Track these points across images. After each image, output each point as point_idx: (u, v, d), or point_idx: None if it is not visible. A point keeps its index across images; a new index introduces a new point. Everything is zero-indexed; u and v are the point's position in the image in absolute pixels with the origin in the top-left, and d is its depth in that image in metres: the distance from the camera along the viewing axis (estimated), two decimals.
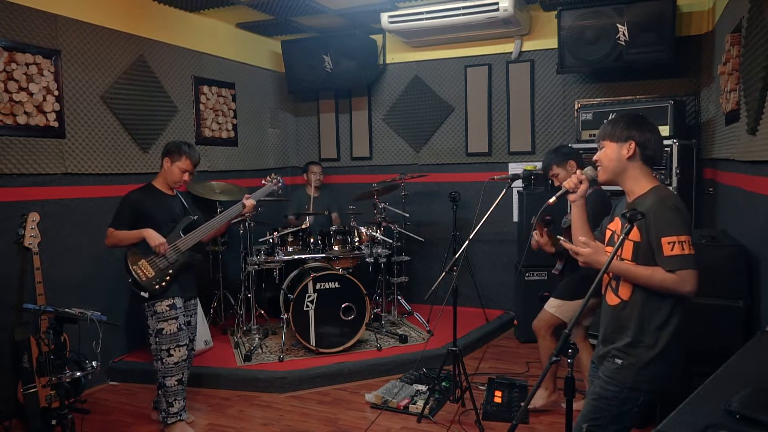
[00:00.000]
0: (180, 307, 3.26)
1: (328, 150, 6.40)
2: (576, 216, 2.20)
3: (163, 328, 3.19)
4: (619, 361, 2.01)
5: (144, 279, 3.18)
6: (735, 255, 2.93)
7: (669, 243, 1.89)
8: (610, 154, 2.08)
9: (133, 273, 3.18)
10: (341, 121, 6.33)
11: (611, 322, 2.08)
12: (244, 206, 3.48)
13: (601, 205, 3.08)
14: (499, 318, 5.30)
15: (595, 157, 2.16)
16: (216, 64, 5.35)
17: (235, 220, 3.79)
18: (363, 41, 5.68)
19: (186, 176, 3.34)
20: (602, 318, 2.16)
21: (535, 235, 3.13)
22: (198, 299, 3.56)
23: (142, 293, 3.18)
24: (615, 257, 2.04)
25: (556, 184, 3.39)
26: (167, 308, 3.21)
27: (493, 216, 3.38)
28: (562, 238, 2.22)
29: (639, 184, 2.06)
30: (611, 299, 2.10)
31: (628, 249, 2.00)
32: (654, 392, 1.99)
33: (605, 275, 2.17)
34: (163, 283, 3.21)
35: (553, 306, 3.35)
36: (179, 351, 3.22)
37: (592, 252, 2.04)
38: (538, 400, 3.50)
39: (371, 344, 4.57)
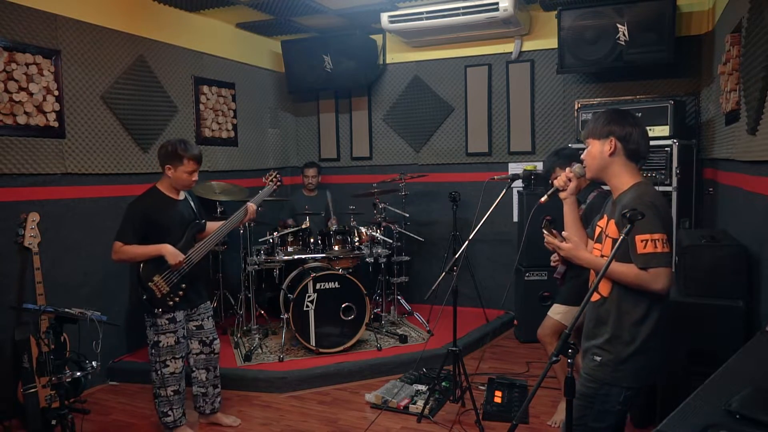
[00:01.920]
0: (180, 321, 3.20)
1: (328, 150, 6.40)
2: (567, 213, 2.21)
3: (160, 341, 3.14)
4: (598, 359, 2.03)
5: (160, 296, 3.10)
6: (735, 255, 2.93)
7: (642, 240, 1.90)
8: (593, 151, 2.10)
9: (150, 290, 3.08)
10: (341, 121, 6.33)
11: (593, 318, 2.11)
12: (245, 213, 3.39)
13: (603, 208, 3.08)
14: (499, 318, 5.31)
15: (582, 156, 2.18)
16: (216, 64, 5.35)
17: (244, 222, 3.70)
18: (363, 41, 5.68)
19: (195, 176, 3.19)
20: (586, 314, 2.17)
21: (549, 246, 3.13)
22: (209, 302, 3.45)
23: (156, 310, 3.10)
24: (597, 253, 2.09)
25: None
26: (167, 321, 3.14)
27: (493, 216, 3.38)
28: (546, 232, 2.22)
29: (621, 180, 2.06)
30: (593, 296, 2.10)
31: (608, 245, 2.02)
32: (635, 388, 2.00)
33: (591, 272, 2.19)
34: (177, 299, 3.14)
35: (558, 312, 3.32)
36: (175, 363, 3.19)
37: (572, 247, 2.09)
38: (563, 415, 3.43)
39: (371, 344, 4.57)
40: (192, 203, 3.35)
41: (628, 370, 1.97)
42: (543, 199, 2.27)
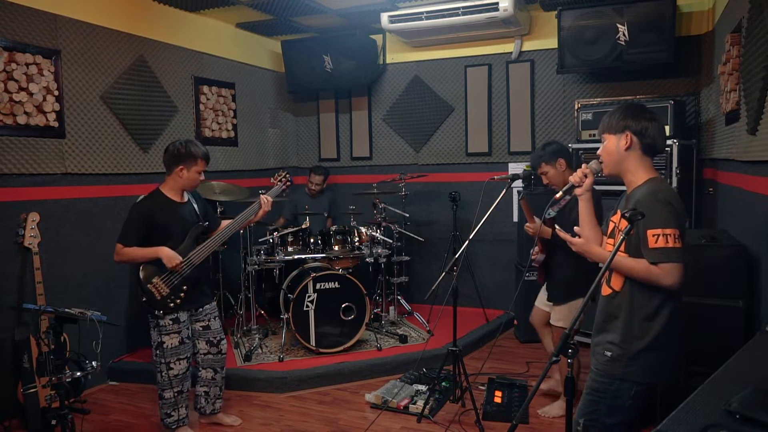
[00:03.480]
0: (184, 321, 3.19)
1: (328, 150, 6.40)
2: (582, 209, 2.21)
3: (164, 342, 3.13)
4: (609, 353, 2.02)
5: (159, 298, 3.08)
6: (735, 255, 2.93)
7: (654, 235, 1.90)
8: (609, 146, 2.09)
9: (149, 291, 3.07)
10: (341, 121, 6.33)
11: (603, 312, 2.11)
12: (260, 206, 3.35)
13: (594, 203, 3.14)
14: (499, 318, 5.31)
15: (598, 152, 2.17)
16: (216, 64, 5.35)
17: (254, 221, 3.66)
18: (363, 41, 5.68)
19: (203, 176, 3.23)
20: (597, 308, 2.18)
21: (528, 228, 3.20)
22: (213, 302, 3.42)
23: (157, 312, 3.10)
24: (610, 249, 2.08)
25: (545, 182, 3.44)
26: (170, 322, 3.13)
27: (493, 216, 3.39)
28: (557, 227, 2.24)
29: (636, 175, 2.06)
30: (604, 290, 2.12)
31: None
32: (646, 383, 1.99)
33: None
34: (178, 301, 3.12)
35: (560, 320, 3.38)
36: (179, 364, 3.18)
37: (584, 242, 2.10)
38: (556, 410, 3.48)
39: (371, 344, 4.57)
40: (195, 205, 3.32)
41: (640, 366, 1.97)
42: (558, 195, 2.27)
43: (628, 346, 1.98)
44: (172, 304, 3.12)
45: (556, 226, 2.26)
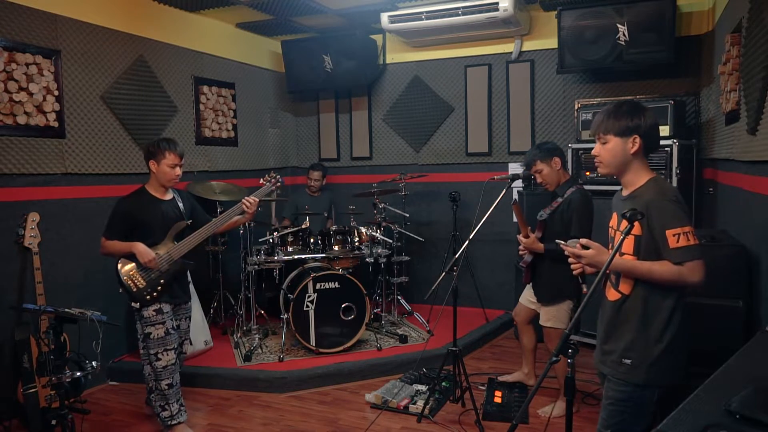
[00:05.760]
0: (167, 312, 3.24)
1: (328, 150, 6.40)
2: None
3: (150, 333, 3.18)
4: (628, 361, 1.99)
5: (135, 290, 3.15)
6: (735, 255, 2.93)
7: (674, 235, 1.88)
8: (614, 148, 2.03)
9: (125, 284, 3.15)
10: (341, 121, 6.33)
11: (612, 319, 2.06)
12: (246, 206, 3.34)
13: (586, 205, 3.15)
14: (499, 318, 5.30)
15: (594, 152, 2.10)
16: (216, 64, 5.35)
17: (244, 222, 3.71)
18: (363, 41, 5.68)
19: (178, 170, 3.24)
20: (602, 315, 2.13)
21: (521, 239, 3.27)
22: (191, 302, 3.49)
23: (133, 303, 3.17)
24: (617, 254, 2.06)
25: (539, 180, 3.45)
26: (154, 313, 3.18)
27: (493, 216, 3.39)
28: (561, 242, 2.14)
29: (638, 175, 2.04)
30: (611, 295, 2.07)
31: (629, 244, 1.98)
32: (666, 386, 1.98)
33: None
34: (155, 293, 3.18)
35: (548, 320, 3.42)
36: (167, 355, 3.20)
37: (595, 253, 2.01)
38: (556, 410, 3.48)
39: (371, 344, 4.57)
40: (181, 204, 3.37)
41: (660, 369, 1.96)
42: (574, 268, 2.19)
43: (647, 351, 1.96)
44: (148, 297, 3.18)
45: (561, 242, 2.19)
